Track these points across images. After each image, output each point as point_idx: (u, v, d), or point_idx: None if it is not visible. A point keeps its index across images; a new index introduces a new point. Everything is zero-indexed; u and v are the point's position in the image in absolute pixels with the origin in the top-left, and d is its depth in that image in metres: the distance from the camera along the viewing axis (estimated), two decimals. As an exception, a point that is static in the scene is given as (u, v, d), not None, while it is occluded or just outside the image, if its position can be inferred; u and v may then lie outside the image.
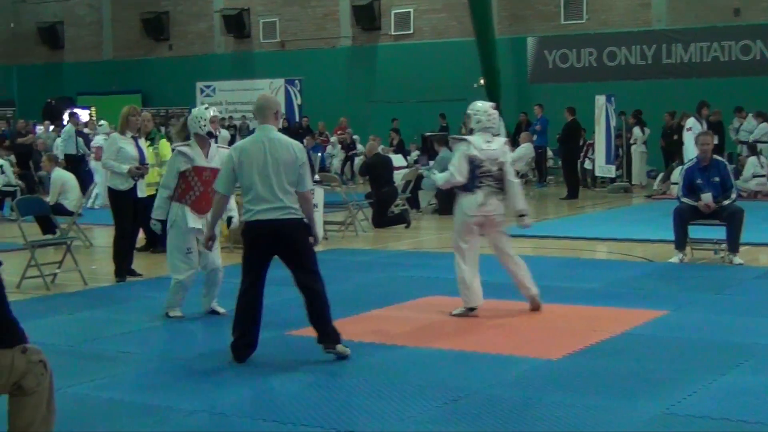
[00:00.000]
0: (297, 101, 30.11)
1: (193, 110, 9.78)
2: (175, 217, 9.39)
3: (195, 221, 9.35)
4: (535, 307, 9.51)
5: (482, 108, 9.50)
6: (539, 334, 8.60)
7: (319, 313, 7.72)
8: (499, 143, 9.50)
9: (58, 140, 26.20)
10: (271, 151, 7.55)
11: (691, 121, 18.12)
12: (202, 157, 9.43)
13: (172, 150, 9.81)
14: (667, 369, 7.25)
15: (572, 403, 6.43)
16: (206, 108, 9.75)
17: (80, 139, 24.15)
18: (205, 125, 9.45)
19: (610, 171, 24.90)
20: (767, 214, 17.26)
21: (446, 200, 19.73)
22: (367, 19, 32.49)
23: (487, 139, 9.39)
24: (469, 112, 9.51)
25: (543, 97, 28.08)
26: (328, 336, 7.70)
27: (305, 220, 7.70)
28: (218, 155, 9.41)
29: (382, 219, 17.32)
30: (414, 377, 7.17)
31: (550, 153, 27.62)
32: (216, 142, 9.75)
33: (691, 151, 17.50)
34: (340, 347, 7.66)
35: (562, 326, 8.90)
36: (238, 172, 7.63)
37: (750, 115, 24.35)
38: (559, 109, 24.42)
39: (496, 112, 9.54)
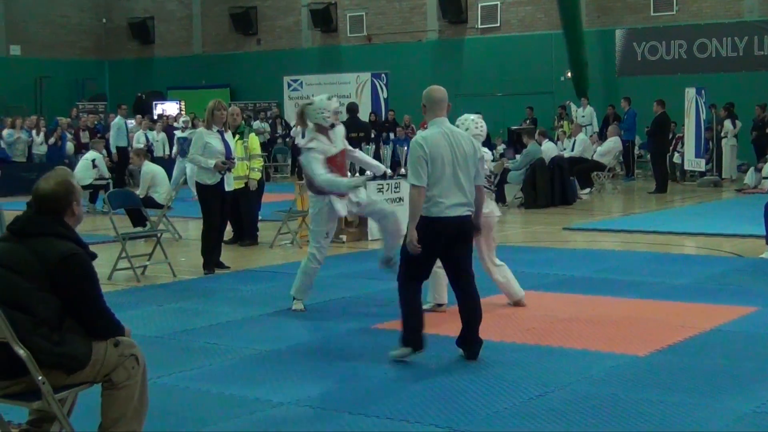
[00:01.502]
0: (383, 95, 30.20)
1: (315, 100, 9.72)
2: (318, 208, 9.42)
3: (343, 208, 9.49)
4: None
5: (469, 117, 9.27)
6: (626, 330, 8.52)
7: (467, 318, 7.56)
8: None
9: (138, 133, 26.65)
10: (456, 144, 7.42)
11: None
12: (328, 144, 9.49)
13: (304, 148, 9.67)
14: (756, 367, 7.14)
15: (659, 400, 6.37)
16: (329, 98, 9.67)
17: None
18: (328, 117, 9.48)
19: (700, 164, 24.54)
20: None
21: (533, 194, 19.66)
22: (453, 12, 32.41)
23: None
24: (457, 122, 9.02)
25: (631, 90, 27.78)
26: (466, 342, 7.58)
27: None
28: (340, 134, 9.61)
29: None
30: (500, 372, 7.16)
31: (638, 147, 27.32)
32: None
33: None
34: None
35: (649, 322, 8.80)
36: (429, 165, 7.33)
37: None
38: (648, 102, 24.11)
39: (483, 122, 9.30)
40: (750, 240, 13.63)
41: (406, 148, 19.22)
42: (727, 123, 25.17)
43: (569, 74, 29.40)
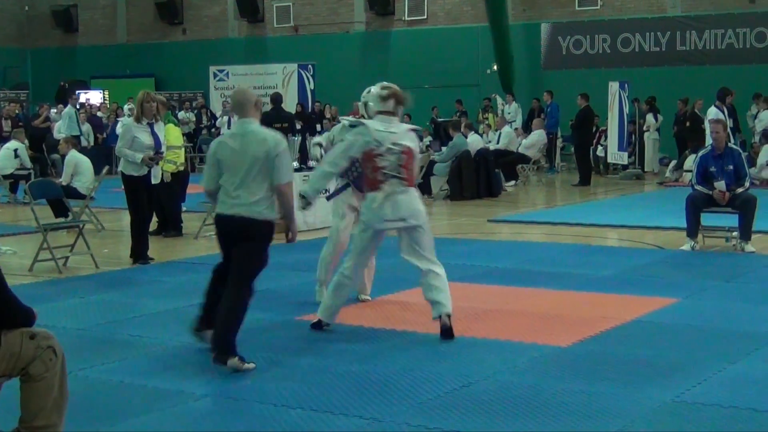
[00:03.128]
0: (310, 86, 30.07)
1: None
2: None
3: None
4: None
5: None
6: (549, 321, 8.59)
7: (220, 321, 7.22)
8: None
9: (59, 123, 26.29)
10: (243, 145, 7.26)
11: (711, 111, 17.74)
12: None
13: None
14: (677, 357, 7.25)
15: (581, 389, 6.44)
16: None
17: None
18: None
19: (623, 158, 24.85)
20: None
21: (458, 186, 19.75)
22: (380, 3, 32.41)
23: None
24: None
25: (556, 84, 28.04)
26: (217, 346, 7.16)
27: (274, 219, 7.35)
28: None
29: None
30: (425, 363, 7.18)
31: (561, 140, 27.59)
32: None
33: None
34: (231, 362, 7.00)
35: (572, 313, 8.89)
36: (216, 167, 7.33)
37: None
38: (573, 96, 24.34)
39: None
40: (671, 232, 13.84)
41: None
42: (650, 117, 25.51)
43: (495, 67, 29.59)
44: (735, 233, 12.59)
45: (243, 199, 7.16)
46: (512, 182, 22.66)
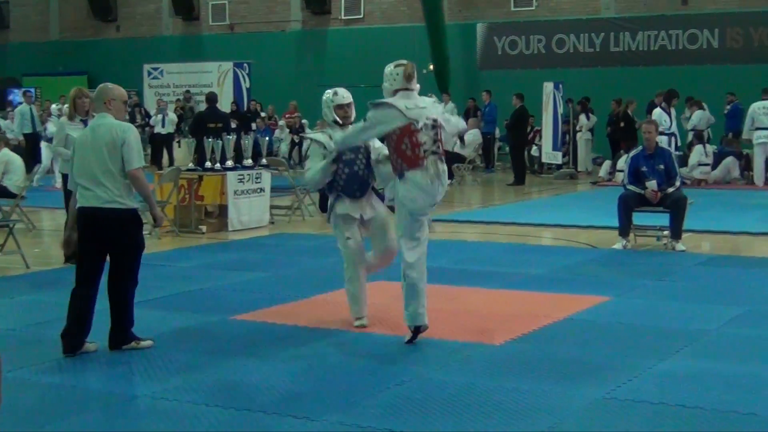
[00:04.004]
0: (246, 85, 29.95)
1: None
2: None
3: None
4: None
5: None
6: (483, 320, 8.64)
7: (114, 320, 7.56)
8: None
9: (4, 121, 25.94)
10: (94, 137, 7.39)
11: (656, 112, 17.83)
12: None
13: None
14: (608, 354, 7.33)
15: (514, 387, 6.49)
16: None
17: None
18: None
19: (557, 157, 25.07)
20: (710, 202, 17.51)
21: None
22: (317, 2, 32.36)
23: None
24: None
25: (492, 84, 28.20)
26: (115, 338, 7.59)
27: (138, 207, 7.52)
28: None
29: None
30: (359, 362, 7.20)
31: (497, 140, 27.77)
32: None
33: (662, 141, 17.57)
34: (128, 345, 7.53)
35: (505, 312, 8.95)
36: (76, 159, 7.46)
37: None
38: (508, 96, 24.51)
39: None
40: (604, 231, 13.98)
41: (267, 138, 19.17)
42: (582, 117, 25.76)
43: (431, 67, 29.65)
44: (666, 232, 12.77)
45: (101, 191, 7.30)
46: (448, 181, 22.65)
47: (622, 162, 17.42)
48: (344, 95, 8.58)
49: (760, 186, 21.20)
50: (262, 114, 29.34)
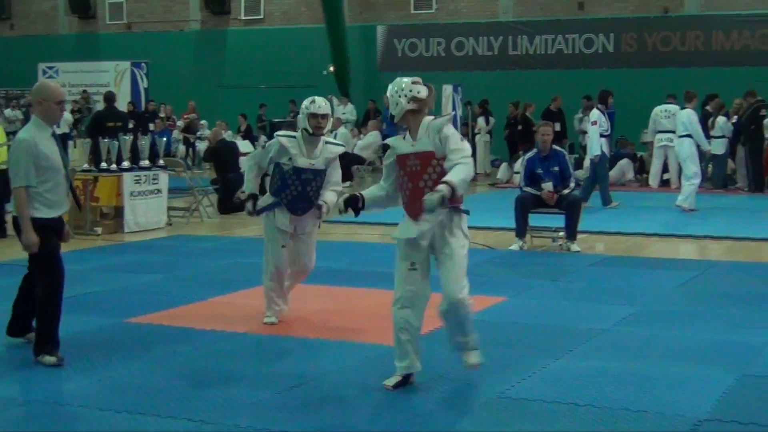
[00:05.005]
0: (143, 84, 29.53)
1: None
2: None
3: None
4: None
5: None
6: (381, 321, 8.63)
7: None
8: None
9: None
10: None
11: (595, 114, 17.92)
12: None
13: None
14: (503, 354, 7.40)
15: (410, 388, 6.51)
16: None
17: None
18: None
19: (456, 159, 25.19)
20: (603, 205, 17.77)
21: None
22: (216, 2, 32.15)
23: None
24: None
25: (392, 86, 28.27)
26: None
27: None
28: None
29: (228, 205, 17.15)
30: (255, 364, 7.15)
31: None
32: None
33: (596, 145, 17.75)
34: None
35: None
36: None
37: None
38: (408, 98, 24.57)
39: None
40: (501, 232, 14.13)
41: (165, 139, 18.96)
42: (481, 120, 26.00)
43: (332, 68, 29.67)
44: (561, 233, 12.96)
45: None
46: (347, 183, 22.74)
47: (519, 164, 17.63)
48: (320, 105, 8.25)
49: (654, 188, 21.62)
50: (161, 114, 29.01)
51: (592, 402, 6.18)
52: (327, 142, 8.45)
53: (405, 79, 6.88)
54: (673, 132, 19.02)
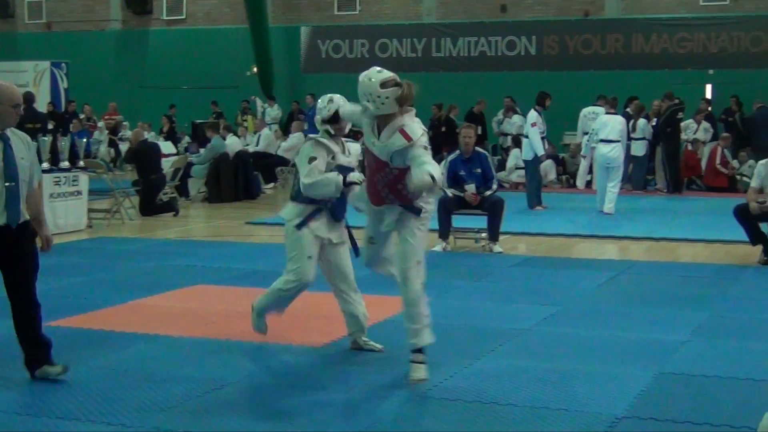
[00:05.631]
0: (63, 85, 29.24)
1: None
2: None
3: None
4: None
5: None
6: (305, 322, 8.67)
7: None
8: None
9: None
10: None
11: (533, 116, 17.96)
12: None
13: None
14: (432, 350, 7.40)
15: (332, 388, 6.53)
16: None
17: None
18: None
19: (380, 161, 25.25)
20: (527, 206, 17.94)
21: (217, 188, 19.63)
22: (137, 2, 31.84)
23: None
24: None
25: (316, 87, 28.23)
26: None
27: None
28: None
29: (150, 207, 17.04)
30: (177, 367, 7.10)
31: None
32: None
33: (539, 146, 17.82)
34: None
35: (327, 313, 8.94)
36: None
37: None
38: (332, 100, 24.58)
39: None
40: (424, 233, 14.16)
41: (85, 140, 18.73)
42: (406, 121, 26.05)
43: (255, 69, 29.57)
44: (484, 234, 13.07)
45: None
46: (271, 184, 22.71)
47: (443, 166, 17.72)
48: (339, 104, 7.60)
49: (580, 189, 21.84)
50: (81, 115, 28.66)
51: (513, 401, 6.25)
52: (346, 141, 7.73)
53: (374, 81, 6.66)
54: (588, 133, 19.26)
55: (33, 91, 19.74)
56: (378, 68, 6.82)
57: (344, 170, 7.36)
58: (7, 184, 6.57)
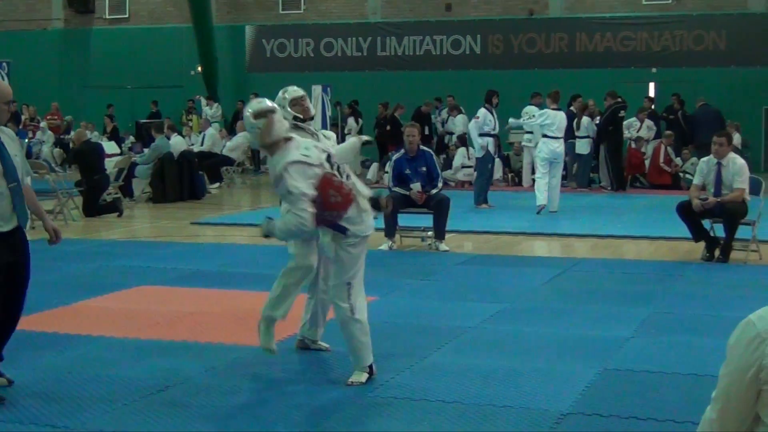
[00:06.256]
0: (5, 84, 28.85)
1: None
2: None
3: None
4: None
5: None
6: (250, 322, 8.59)
7: None
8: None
9: None
10: None
11: (481, 112, 17.95)
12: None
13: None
14: (374, 352, 7.41)
15: (279, 389, 6.51)
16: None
17: None
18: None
19: (326, 160, 25.23)
20: (473, 204, 18.02)
21: (161, 188, 19.49)
22: (80, 1, 31.55)
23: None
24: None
25: (261, 87, 28.13)
26: None
27: None
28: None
29: (94, 207, 16.87)
30: (121, 368, 7.03)
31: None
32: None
33: (474, 140, 17.90)
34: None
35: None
36: None
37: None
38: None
39: None
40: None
41: (27, 140, 18.50)
42: (351, 120, 26.11)
43: (200, 69, 29.42)
44: (430, 233, 13.09)
45: None
46: (216, 184, 22.60)
47: (389, 165, 17.74)
48: (295, 87, 7.66)
49: (526, 187, 21.94)
50: (23, 116, 28.31)
51: (459, 399, 6.27)
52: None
53: (248, 113, 6.42)
54: (531, 132, 19.33)
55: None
56: (260, 99, 6.60)
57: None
58: (10, 185, 6.38)
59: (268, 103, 6.52)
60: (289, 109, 7.38)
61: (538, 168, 17.70)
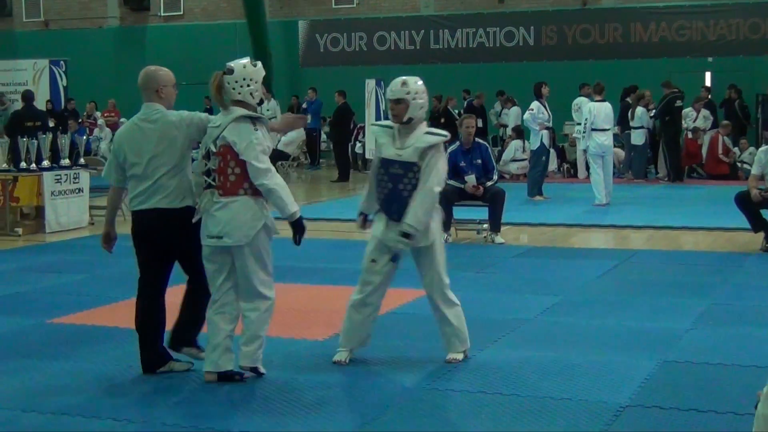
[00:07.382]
0: (63, 83, 29.16)
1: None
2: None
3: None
4: None
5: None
6: (307, 316, 8.69)
7: None
8: None
9: None
10: (144, 132, 6.86)
11: (535, 105, 17.87)
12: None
13: None
14: (429, 346, 7.44)
15: (338, 382, 6.56)
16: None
17: None
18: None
19: (380, 153, 25.26)
20: (527, 196, 17.95)
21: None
22: (135, -1, 31.88)
23: None
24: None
25: (315, 81, 28.26)
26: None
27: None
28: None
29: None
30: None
31: (324, 137, 27.87)
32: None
33: (532, 128, 17.89)
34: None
35: (329, 307, 9.00)
36: (119, 158, 6.86)
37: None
38: (331, 93, 24.61)
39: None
40: (426, 226, 14.17)
41: (85, 138, 18.73)
42: (405, 113, 26.05)
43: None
44: (485, 225, 13.07)
45: (148, 191, 7.08)
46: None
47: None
48: (392, 89, 7.41)
49: (581, 179, 21.77)
50: (83, 113, 28.65)
51: (517, 391, 6.26)
52: (428, 132, 7.19)
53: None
54: (580, 124, 19.22)
55: (32, 90, 19.68)
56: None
57: (387, 164, 7.12)
58: None
59: None
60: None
61: (591, 164, 17.61)
